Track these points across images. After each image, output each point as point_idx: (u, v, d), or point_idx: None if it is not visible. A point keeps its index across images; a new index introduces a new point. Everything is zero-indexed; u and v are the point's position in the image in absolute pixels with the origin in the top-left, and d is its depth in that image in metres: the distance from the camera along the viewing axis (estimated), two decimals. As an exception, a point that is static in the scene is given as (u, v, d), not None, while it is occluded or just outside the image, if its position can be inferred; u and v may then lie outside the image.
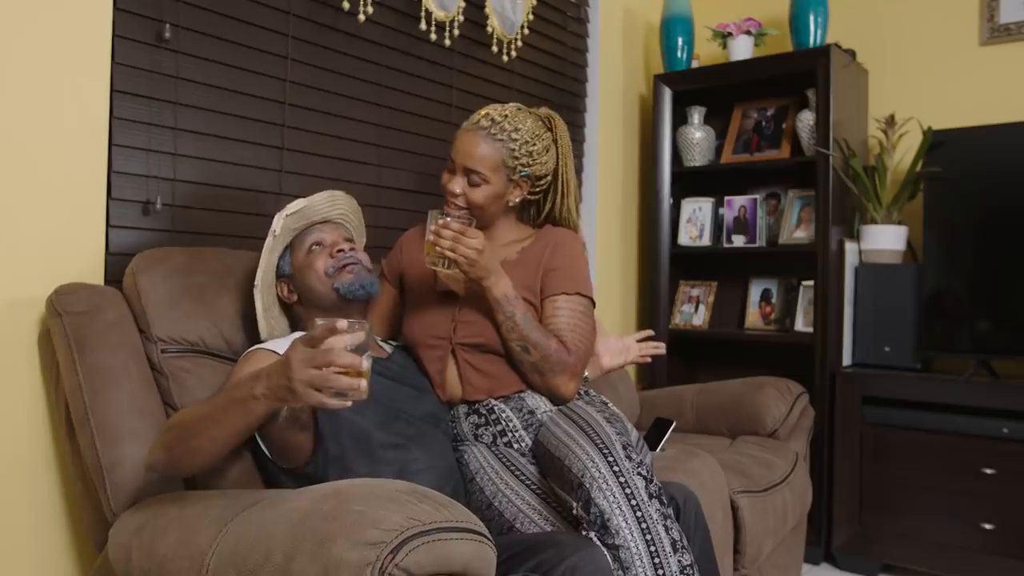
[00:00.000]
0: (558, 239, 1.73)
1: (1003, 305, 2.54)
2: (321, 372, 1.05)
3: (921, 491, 2.52)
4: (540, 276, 1.67)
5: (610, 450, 1.40)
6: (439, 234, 1.51)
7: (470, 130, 1.67)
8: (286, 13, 2.02)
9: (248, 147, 1.96)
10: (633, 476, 1.37)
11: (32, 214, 1.57)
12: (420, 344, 1.68)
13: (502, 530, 1.47)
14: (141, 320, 1.54)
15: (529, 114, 1.71)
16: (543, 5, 2.79)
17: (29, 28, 1.56)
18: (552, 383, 1.61)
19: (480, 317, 1.62)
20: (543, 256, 1.69)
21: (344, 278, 1.56)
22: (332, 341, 1.06)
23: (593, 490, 1.35)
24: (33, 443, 1.59)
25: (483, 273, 1.56)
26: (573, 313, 1.65)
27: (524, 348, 1.59)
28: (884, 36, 3.03)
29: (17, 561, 1.56)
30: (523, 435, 1.62)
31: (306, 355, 1.07)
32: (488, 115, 1.67)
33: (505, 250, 1.72)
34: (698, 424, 2.54)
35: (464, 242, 1.51)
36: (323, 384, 1.06)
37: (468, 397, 1.64)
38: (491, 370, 1.63)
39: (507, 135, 1.65)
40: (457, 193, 1.66)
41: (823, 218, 2.73)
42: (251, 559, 1.07)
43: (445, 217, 1.53)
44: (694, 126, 3.14)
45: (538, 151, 1.68)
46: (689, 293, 3.26)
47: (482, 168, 1.63)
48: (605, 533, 1.33)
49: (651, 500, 1.36)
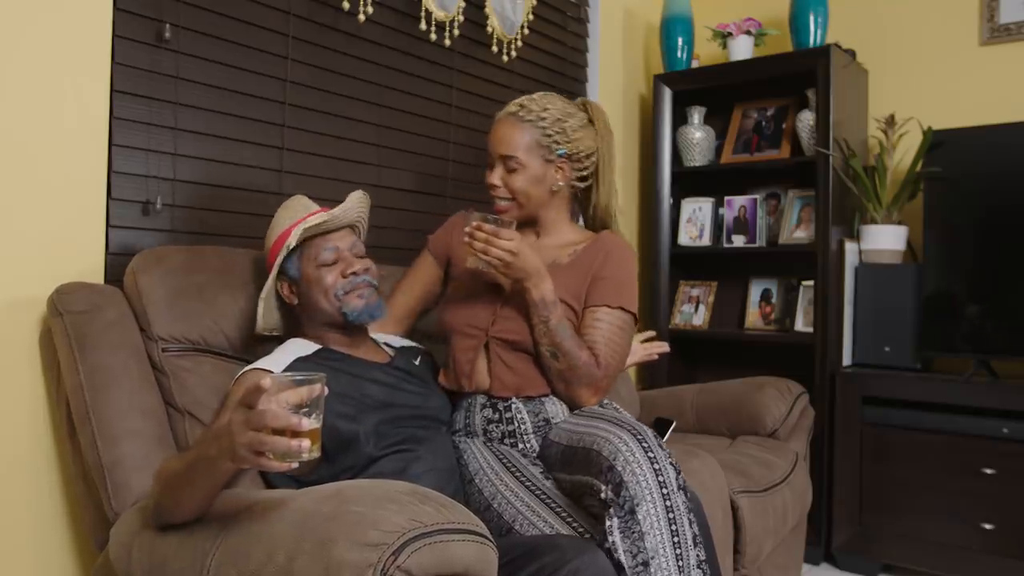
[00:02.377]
0: (612, 247, 1.71)
1: (1003, 305, 2.54)
2: (257, 436, 0.98)
3: (921, 491, 2.52)
4: (588, 283, 1.66)
5: (644, 436, 1.37)
6: (472, 236, 1.52)
7: (501, 119, 1.69)
8: (286, 13, 2.02)
9: (248, 147, 1.96)
10: (666, 464, 1.35)
11: (32, 214, 1.57)
12: (456, 331, 1.67)
13: (501, 532, 1.46)
14: (142, 319, 1.54)
15: (559, 97, 1.72)
16: (543, 5, 2.79)
17: (29, 28, 1.56)
18: (575, 393, 1.61)
19: (520, 315, 1.62)
20: (594, 263, 1.68)
21: (353, 303, 1.54)
22: (268, 401, 0.99)
23: (626, 473, 1.31)
24: (34, 442, 1.59)
25: (522, 274, 1.55)
26: (611, 327, 1.64)
27: (553, 354, 1.58)
28: (884, 36, 3.03)
29: (17, 561, 1.56)
30: (532, 439, 1.62)
31: (243, 416, 1.01)
32: (517, 102, 1.69)
33: (558, 251, 1.72)
34: (698, 424, 2.54)
35: (496, 244, 1.51)
36: (260, 448, 0.99)
37: (494, 392, 1.63)
38: (521, 369, 1.62)
39: (535, 115, 1.66)
40: (496, 184, 1.66)
41: (823, 218, 2.73)
42: (252, 559, 1.07)
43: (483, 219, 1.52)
44: (694, 126, 3.14)
45: (572, 127, 1.68)
46: (689, 293, 3.26)
47: (516, 152, 1.64)
48: (631, 518, 1.30)
49: (679, 491, 1.34)
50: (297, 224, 1.54)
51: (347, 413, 1.44)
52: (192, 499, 1.17)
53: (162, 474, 1.21)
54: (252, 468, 1.04)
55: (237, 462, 1.04)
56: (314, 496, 1.12)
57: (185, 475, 1.14)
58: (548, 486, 1.52)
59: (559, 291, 1.61)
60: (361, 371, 1.53)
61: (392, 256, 2.17)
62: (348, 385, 1.47)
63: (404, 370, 1.64)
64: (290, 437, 0.99)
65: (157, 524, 1.23)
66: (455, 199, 2.48)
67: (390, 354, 1.67)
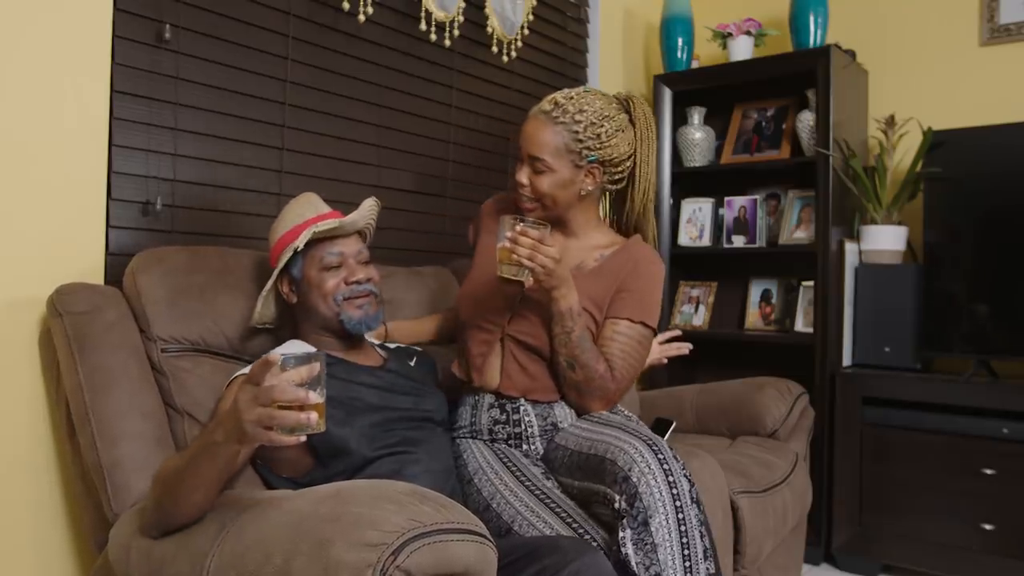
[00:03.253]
0: (641, 257, 1.66)
1: (1003, 305, 2.54)
2: (267, 410, 1.03)
3: (921, 491, 2.52)
4: (612, 293, 1.63)
5: (659, 447, 1.37)
6: (516, 242, 1.43)
7: (533, 116, 1.61)
8: (286, 14, 2.02)
9: (248, 147, 1.96)
10: (680, 476, 1.34)
11: (32, 214, 1.57)
12: (471, 324, 1.65)
13: (500, 532, 1.45)
14: (141, 320, 1.54)
15: (601, 95, 1.63)
16: (543, 5, 2.79)
17: (29, 28, 1.56)
18: (586, 403, 1.61)
19: (538, 317, 1.59)
20: (621, 273, 1.64)
21: (351, 313, 1.54)
22: (272, 377, 1.04)
23: (641, 485, 1.31)
24: (33, 443, 1.59)
25: (556, 283, 1.51)
26: (630, 341, 1.61)
27: (571, 365, 1.56)
28: (884, 36, 3.03)
29: (17, 561, 1.56)
30: (538, 442, 1.61)
31: (251, 394, 1.05)
32: (553, 99, 1.61)
33: (584, 253, 1.68)
34: (698, 424, 2.54)
35: (542, 251, 1.44)
36: (270, 422, 1.03)
37: (504, 391, 1.62)
38: (534, 372, 1.61)
39: (570, 117, 1.58)
40: (523, 183, 1.60)
41: (823, 218, 2.73)
42: (251, 560, 1.07)
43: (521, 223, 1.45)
44: (694, 126, 3.14)
45: (607, 133, 1.59)
46: (689, 293, 3.26)
47: (544, 155, 1.57)
48: (644, 530, 1.30)
49: (692, 504, 1.34)
50: (307, 225, 1.53)
51: (337, 417, 1.43)
52: (196, 492, 1.17)
53: (161, 475, 1.21)
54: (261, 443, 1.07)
55: (246, 440, 1.07)
56: (312, 496, 1.12)
57: (188, 468, 1.15)
58: (549, 487, 1.51)
59: (582, 297, 1.57)
60: (351, 375, 1.52)
61: (392, 256, 2.17)
62: (338, 389, 1.46)
63: (397, 372, 1.63)
64: (297, 410, 1.02)
65: (157, 532, 1.23)
66: (455, 200, 2.48)
67: (384, 356, 1.67)
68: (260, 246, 1.88)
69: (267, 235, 1.63)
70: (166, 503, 1.20)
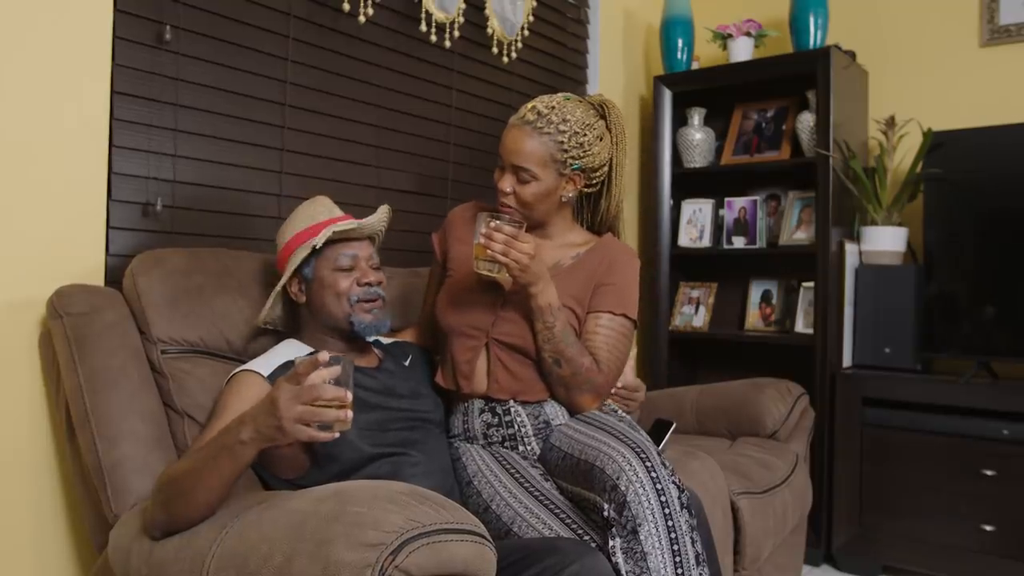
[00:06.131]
0: (616, 254, 1.69)
1: (1003, 306, 2.54)
2: (309, 407, 1.09)
3: (921, 492, 2.52)
4: (592, 288, 1.64)
5: (647, 455, 1.37)
6: (491, 237, 1.46)
7: (516, 125, 1.62)
8: (286, 15, 2.02)
9: (248, 149, 1.96)
10: (668, 484, 1.34)
11: (32, 215, 1.58)
12: (455, 331, 1.65)
13: (499, 534, 1.45)
14: (141, 321, 1.54)
15: (579, 103, 1.65)
16: (543, 6, 2.80)
17: (30, 29, 1.56)
18: (576, 399, 1.61)
19: (521, 318, 1.59)
20: (599, 268, 1.66)
21: (362, 316, 1.55)
22: (315, 376, 1.09)
23: (629, 493, 1.32)
24: (33, 444, 1.59)
25: (532, 279, 1.52)
26: (613, 333, 1.63)
27: (556, 361, 1.57)
28: (884, 37, 3.03)
29: (17, 561, 1.56)
30: (533, 442, 1.61)
31: (293, 392, 1.10)
32: (534, 108, 1.61)
33: (560, 252, 1.69)
34: (698, 425, 2.54)
35: (517, 247, 1.47)
36: (312, 419, 1.09)
37: (492, 394, 1.62)
38: (521, 373, 1.61)
39: (554, 127, 1.59)
40: (507, 191, 1.61)
41: (823, 219, 2.73)
42: (251, 560, 1.07)
43: (496, 220, 1.48)
44: (694, 127, 3.14)
45: (589, 141, 1.62)
46: (689, 294, 3.26)
47: (530, 165, 1.58)
48: (633, 539, 1.30)
49: (682, 510, 1.34)
50: (325, 225, 1.54)
51: None
52: (210, 492, 1.19)
53: (171, 477, 1.21)
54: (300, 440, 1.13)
55: (284, 438, 1.12)
56: (312, 497, 1.12)
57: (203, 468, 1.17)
58: (548, 488, 1.52)
59: (562, 295, 1.59)
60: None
61: (391, 257, 2.17)
62: None
63: (392, 372, 1.63)
64: (336, 408, 1.10)
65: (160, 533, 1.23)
66: (455, 200, 2.48)
67: (379, 356, 1.67)
68: (261, 247, 1.89)
69: (267, 236, 1.63)
70: (177, 505, 1.20)
